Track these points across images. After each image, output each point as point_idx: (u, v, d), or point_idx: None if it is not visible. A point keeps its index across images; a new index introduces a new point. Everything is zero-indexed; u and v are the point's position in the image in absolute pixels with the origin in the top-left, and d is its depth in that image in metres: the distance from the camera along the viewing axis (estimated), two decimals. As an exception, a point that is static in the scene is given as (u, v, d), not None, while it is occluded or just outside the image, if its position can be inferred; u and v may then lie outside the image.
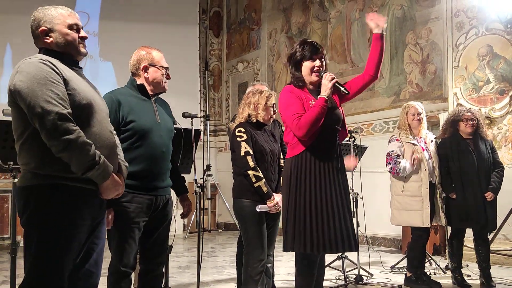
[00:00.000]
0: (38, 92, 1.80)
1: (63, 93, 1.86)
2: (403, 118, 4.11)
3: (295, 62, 2.72)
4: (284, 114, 2.66)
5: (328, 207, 2.57)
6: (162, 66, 2.63)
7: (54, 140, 1.81)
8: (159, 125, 2.59)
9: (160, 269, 2.67)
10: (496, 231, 4.83)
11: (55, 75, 1.87)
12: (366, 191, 4.55)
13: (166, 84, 2.67)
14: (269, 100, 3.16)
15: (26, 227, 1.90)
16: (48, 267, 1.86)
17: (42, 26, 2.00)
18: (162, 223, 2.63)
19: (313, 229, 2.53)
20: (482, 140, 4.06)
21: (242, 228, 3.12)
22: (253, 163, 2.99)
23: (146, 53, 2.63)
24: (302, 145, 2.61)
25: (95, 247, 2.05)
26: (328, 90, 2.59)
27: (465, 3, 5.69)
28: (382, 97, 6.87)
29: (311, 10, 8.13)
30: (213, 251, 6.52)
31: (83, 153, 1.85)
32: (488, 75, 5.46)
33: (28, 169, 1.90)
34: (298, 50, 2.70)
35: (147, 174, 2.52)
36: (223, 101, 9.92)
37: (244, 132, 3.06)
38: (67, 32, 2.02)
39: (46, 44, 2.01)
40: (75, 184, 1.91)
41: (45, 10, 2.03)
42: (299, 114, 2.56)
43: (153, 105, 2.63)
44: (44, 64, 1.88)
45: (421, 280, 3.97)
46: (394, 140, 4.07)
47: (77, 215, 1.92)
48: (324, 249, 2.55)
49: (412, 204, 3.95)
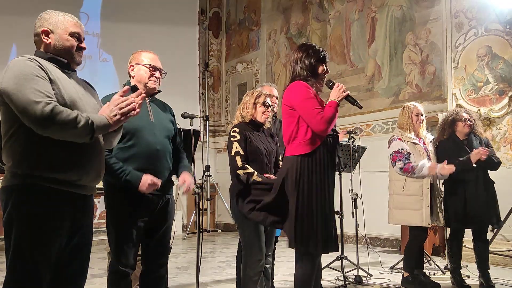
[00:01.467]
0: (25, 88, 1.81)
1: (49, 88, 1.87)
2: (407, 118, 4.08)
3: (311, 62, 2.73)
4: (300, 107, 2.62)
5: (331, 206, 2.63)
6: (149, 64, 2.64)
7: (48, 129, 1.82)
8: (153, 124, 2.60)
9: (161, 270, 2.65)
10: (496, 232, 4.83)
11: (41, 72, 1.89)
12: (366, 192, 4.55)
13: (152, 83, 2.65)
14: (258, 99, 3.17)
15: (5, 227, 1.91)
16: (24, 268, 1.86)
17: (44, 26, 2.04)
18: (163, 224, 2.62)
19: (323, 229, 2.56)
20: (477, 138, 4.12)
21: (239, 228, 3.13)
22: (240, 163, 3.00)
23: (137, 54, 2.70)
24: (315, 143, 2.61)
25: (80, 250, 2.05)
26: (341, 98, 2.66)
27: (465, 4, 5.69)
28: (382, 97, 6.88)
29: (311, 10, 8.13)
30: (213, 251, 6.52)
31: (76, 128, 1.84)
32: (487, 75, 5.46)
33: (8, 168, 1.92)
34: (320, 52, 2.75)
35: (145, 173, 2.51)
36: (223, 102, 9.93)
37: (238, 133, 3.09)
38: (67, 38, 2.05)
39: (44, 44, 2.03)
40: (53, 186, 1.90)
41: (53, 14, 2.08)
42: (321, 109, 2.59)
43: (147, 105, 2.64)
44: (30, 61, 1.90)
45: (418, 281, 3.96)
46: (396, 140, 4.03)
47: (55, 216, 1.91)
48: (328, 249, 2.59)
49: (412, 203, 3.94)
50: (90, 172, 2.01)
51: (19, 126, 1.87)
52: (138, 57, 2.68)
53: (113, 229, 2.50)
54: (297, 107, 2.64)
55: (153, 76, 2.64)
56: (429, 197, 3.93)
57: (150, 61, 2.65)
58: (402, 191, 3.99)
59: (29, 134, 1.86)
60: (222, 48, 10.01)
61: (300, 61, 2.76)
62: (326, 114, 2.57)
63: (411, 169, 3.87)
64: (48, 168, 1.89)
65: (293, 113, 2.66)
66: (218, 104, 9.97)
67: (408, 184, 3.98)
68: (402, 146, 3.96)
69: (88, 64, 8.03)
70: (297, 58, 2.78)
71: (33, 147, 1.87)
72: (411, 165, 3.87)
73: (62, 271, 1.99)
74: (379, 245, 6.62)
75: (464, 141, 4.07)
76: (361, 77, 7.16)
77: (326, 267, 4.58)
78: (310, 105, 2.59)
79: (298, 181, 2.60)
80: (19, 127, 1.87)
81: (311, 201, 2.57)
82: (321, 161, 2.60)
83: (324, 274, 4.15)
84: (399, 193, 4.02)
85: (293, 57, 2.82)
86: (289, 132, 2.69)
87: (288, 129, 2.70)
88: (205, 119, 8.98)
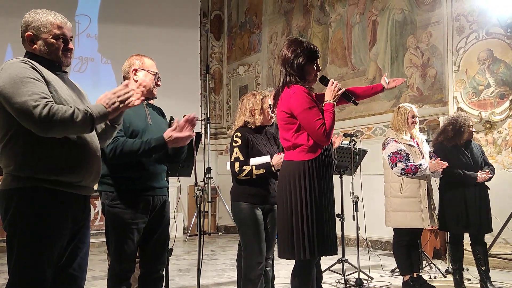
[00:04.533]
0: (22, 92, 1.80)
1: (45, 89, 1.86)
2: (403, 119, 4.09)
3: (300, 64, 2.62)
4: (302, 117, 2.54)
5: (329, 211, 2.60)
6: (155, 72, 2.68)
7: (50, 130, 1.81)
8: (151, 127, 2.62)
9: (160, 272, 2.66)
10: (496, 235, 4.83)
11: (36, 74, 1.88)
12: (366, 195, 4.54)
13: (155, 90, 2.69)
14: (265, 103, 3.17)
15: (7, 230, 1.91)
16: (29, 270, 1.86)
17: (28, 31, 1.99)
18: (161, 224, 2.63)
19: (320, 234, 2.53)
20: (475, 144, 4.20)
21: (240, 231, 3.13)
22: (238, 168, 3.05)
23: (139, 59, 2.70)
24: (316, 151, 2.57)
25: (79, 251, 2.05)
26: (337, 97, 2.61)
27: (466, 7, 5.70)
28: (383, 100, 6.88)
29: (312, 14, 8.14)
30: (214, 254, 6.52)
31: (76, 122, 1.82)
32: (488, 79, 5.47)
33: (8, 171, 1.91)
34: (303, 52, 2.62)
35: (142, 174, 2.54)
36: (224, 104, 9.94)
37: (240, 137, 3.10)
38: (51, 42, 2.00)
39: (31, 49, 2.01)
40: (55, 188, 1.91)
41: (36, 15, 2.01)
42: (322, 120, 2.54)
43: (145, 108, 2.67)
44: (25, 63, 1.89)
45: (419, 284, 3.96)
46: (391, 141, 4.03)
47: (58, 218, 1.92)
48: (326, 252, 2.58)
49: (410, 205, 3.94)
50: (91, 173, 2.02)
51: (18, 129, 1.86)
52: (142, 63, 2.68)
53: (113, 232, 2.51)
54: (298, 117, 2.57)
55: (157, 84, 2.68)
56: (426, 199, 3.94)
57: (154, 68, 2.69)
58: (400, 193, 3.98)
59: (28, 136, 1.86)
60: (223, 50, 10.03)
61: (288, 65, 2.64)
62: (327, 125, 2.52)
63: (414, 169, 3.87)
64: (51, 171, 1.89)
65: (292, 120, 2.59)
66: (219, 106, 9.98)
67: (405, 186, 3.98)
68: (399, 147, 3.96)
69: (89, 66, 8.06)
70: (285, 60, 2.65)
71: (34, 150, 1.87)
72: (413, 165, 3.87)
73: (62, 271, 1.99)
74: (380, 248, 6.61)
75: (464, 146, 4.10)
76: (362, 80, 7.17)
77: (327, 270, 4.57)
78: (312, 117, 2.53)
79: (301, 186, 2.55)
80: (18, 130, 1.86)
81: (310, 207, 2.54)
82: (322, 166, 2.59)
83: (325, 277, 4.15)
84: (397, 195, 4.01)
85: (281, 58, 2.69)
86: (288, 138, 2.63)
87: (287, 135, 2.63)
88: (206, 121, 9.00)
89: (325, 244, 2.55)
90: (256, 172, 3.03)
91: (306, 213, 2.52)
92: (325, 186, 2.59)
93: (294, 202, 2.55)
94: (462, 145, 4.09)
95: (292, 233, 2.53)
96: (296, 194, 2.55)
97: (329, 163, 2.64)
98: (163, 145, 2.46)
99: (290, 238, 2.53)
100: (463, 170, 3.97)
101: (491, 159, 4.95)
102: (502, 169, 5.17)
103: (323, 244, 2.54)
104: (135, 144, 2.46)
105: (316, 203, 2.54)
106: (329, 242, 2.57)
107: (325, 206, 2.58)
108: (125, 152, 2.44)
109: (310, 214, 2.52)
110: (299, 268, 2.61)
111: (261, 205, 3.10)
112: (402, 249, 4.01)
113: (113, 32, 8.22)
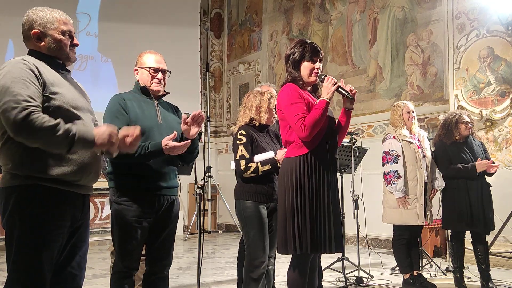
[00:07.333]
0: (9, 91, 1.79)
1: (33, 93, 1.83)
2: (398, 116, 4.12)
3: (294, 61, 2.68)
4: (286, 112, 2.59)
5: (325, 208, 2.58)
6: (149, 67, 2.64)
7: (19, 135, 1.79)
8: (160, 125, 2.59)
9: (165, 272, 2.64)
10: (497, 233, 4.83)
11: (32, 75, 1.86)
12: (367, 193, 4.54)
13: (155, 85, 2.64)
14: (271, 103, 3.16)
15: (6, 228, 1.90)
16: (28, 268, 1.86)
17: (35, 28, 1.98)
18: (168, 225, 2.60)
19: (311, 230, 2.52)
20: (475, 141, 4.18)
21: (243, 229, 3.11)
22: (244, 166, 3.02)
23: (140, 57, 2.70)
24: (308, 146, 2.58)
25: (78, 249, 2.05)
26: (330, 94, 2.58)
27: (466, 5, 5.69)
28: (383, 98, 6.87)
29: (312, 11, 8.13)
30: (214, 252, 6.52)
31: (53, 136, 1.79)
32: (489, 77, 5.46)
33: (7, 170, 1.90)
34: (298, 50, 2.67)
35: (149, 173, 2.51)
36: (224, 102, 9.93)
37: (244, 135, 3.08)
38: (60, 39, 2.00)
39: (36, 46, 2.00)
40: (54, 186, 1.90)
41: (40, 12, 2.00)
42: (302, 115, 2.53)
43: (156, 107, 2.64)
44: (24, 64, 1.87)
45: (419, 282, 3.96)
46: (390, 138, 4.05)
47: (57, 216, 1.92)
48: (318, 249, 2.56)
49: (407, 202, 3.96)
50: (89, 172, 2.02)
51: None
52: (140, 60, 2.68)
53: (117, 229, 2.50)
54: (284, 113, 2.62)
55: (154, 78, 2.64)
56: (423, 196, 3.95)
57: (151, 63, 2.65)
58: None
59: None
60: (223, 49, 10.02)
61: (287, 63, 2.72)
62: (307, 120, 2.50)
63: (388, 182, 3.97)
64: (50, 169, 1.89)
65: (284, 117, 2.64)
66: (219, 105, 9.97)
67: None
68: (393, 147, 3.99)
69: (89, 65, 8.05)
70: (285, 57, 2.75)
71: (32, 149, 1.86)
72: (392, 177, 3.94)
73: (61, 270, 1.99)
74: (380, 246, 6.61)
75: (464, 143, 4.09)
76: (362, 78, 7.16)
77: (327, 268, 4.57)
78: (292, 111, 2.55)
79: (291, 182, 2.57)
80: None
81: (301, 203, 2.54)
82: (316, 162, 2.57)
83: (325, 275, 4.15)
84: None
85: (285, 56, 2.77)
86: (283, 135, 2.69)
87: (283, 132, 2.69)
88: (206, 120, 8.99)
89: (318, 241, 2.54)
90: (262, 169, 3.00)
91: (297, 208, 2.54)
92: (320, 182, 2.57)
93: (287, 198, 2.58)
94: (462, 142, 4.09)
95: (285, 228, 2.56)
96: (289, 190, 2.58)
97: (329, 159, 2.62)
98: (159, 151, 2.44)
99: (283, 232, 2.57)
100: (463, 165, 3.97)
101: (491, 157, 4.94)
102: (503, 167, 5.16)
103: (315, 241, 2.53)
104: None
105: (309, 199, 2.54)
106: (324, 239, 2.55)
107: (320, 203, 2.56)
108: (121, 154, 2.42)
109: (301, 209, 2.54)
110: (294, 262, 2.62)
111: (266, 203, 3.09)
112: (402, 247, 4.02)
113: (113, 30, 8.21)
